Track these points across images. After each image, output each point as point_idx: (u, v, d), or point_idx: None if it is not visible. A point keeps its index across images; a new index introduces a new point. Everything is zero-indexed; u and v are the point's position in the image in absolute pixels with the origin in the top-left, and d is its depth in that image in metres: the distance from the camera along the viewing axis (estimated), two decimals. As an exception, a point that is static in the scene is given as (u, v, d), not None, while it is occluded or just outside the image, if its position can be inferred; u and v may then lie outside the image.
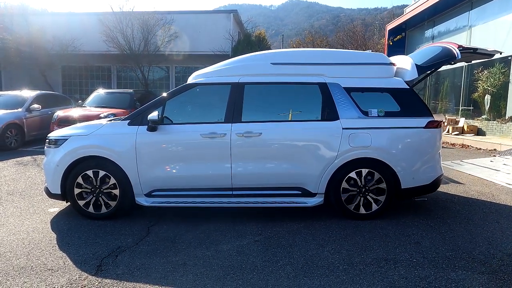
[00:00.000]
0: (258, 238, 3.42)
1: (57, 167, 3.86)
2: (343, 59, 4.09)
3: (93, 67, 19.16)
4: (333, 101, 3.87)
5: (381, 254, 3.05)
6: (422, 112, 3.92)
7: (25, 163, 6.99)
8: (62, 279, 2.68)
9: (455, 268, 2.79)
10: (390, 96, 3.92)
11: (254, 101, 3.97)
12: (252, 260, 2.96)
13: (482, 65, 11.51)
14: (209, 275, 2.74)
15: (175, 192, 3.87)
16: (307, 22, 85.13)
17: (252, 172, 3.80)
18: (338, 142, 3.77)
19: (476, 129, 11.37)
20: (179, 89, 4.05)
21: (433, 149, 3.95)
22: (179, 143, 3.85)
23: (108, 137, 3.87)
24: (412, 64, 4.05)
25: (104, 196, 3.87)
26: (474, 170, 6.38)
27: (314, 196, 3.84)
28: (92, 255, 3.06)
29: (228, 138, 3.77)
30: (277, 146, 3.84)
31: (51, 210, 4.24)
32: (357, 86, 3.94)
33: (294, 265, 2.87)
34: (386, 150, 3.78)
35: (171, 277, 2.71)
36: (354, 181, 3.82)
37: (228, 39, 16.78)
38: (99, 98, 10.06)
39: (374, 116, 3.86)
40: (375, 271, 2.77)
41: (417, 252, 3.08)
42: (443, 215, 4.01)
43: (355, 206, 3.84)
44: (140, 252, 3.14)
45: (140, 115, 3.90)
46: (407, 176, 3.81)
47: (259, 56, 4.24)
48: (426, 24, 16.25)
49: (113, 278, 2.69)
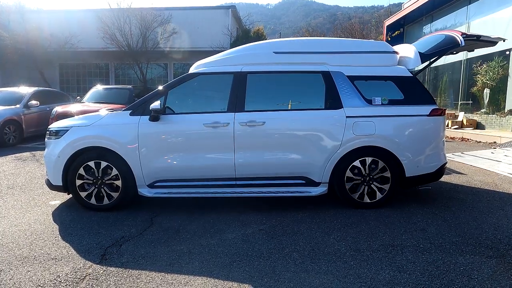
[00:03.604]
0: (263, 227, 3.39)
1: (58, 158, 3.81)
2: (346, 47, 4.06)
3: (91, 64, 19.05)
4: (336, 89, 3.85)
5: (387, 241, 3.03)
6: (425, 100, 3.90)
7: (24, 159, 6.93)
8: (66, 267, 2.64)
9: (463, 253, 2.78)
10: (393, 84, 3.89)
11: (257, 90, 3.93)
12: (258, 248, 2.94)
13: (480, 59, 11.52)
14: (215, 262, 2.71)
15: (178, 182, 3.84)
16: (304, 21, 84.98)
17: (255, 162, 3.77)
18: (341, 130, 3.74)
19: (475, 123, 11.39)
20: (181, 78, 4.01)
21: (437, 137, 3.94)
22: (181, 133, 3.81)
23: (109, 127, 3.83)
24: (416, 52, 4.02)
25: (106, 187, 3.83)
26: (476, 162, 6.38)
27: (318, 185, 3.82)
28: (96, 245, 3.03)
29: (231, 128, 3.73)
30: (281, 135, 3.80)
31: (52, 202, 4.20)
32: (361, 75, 3.91)
33: (300, 252, 2.85)
34: (390, 138, 3.76)
35: (176, 265, 2.68)
36: (358, 170, 3.79)
37: (226, 35, 16.72)
38: (98, 94, 9.97)
39: (378, 104, 3.84)
40: (383, 256, 2.75)
41: (424, 239, 3.06)
42: (448, 203, 4.00)
43: (359, 195, 3.82)
44: (145, 241, 3.10)
45: (142, 105, 3.86)
46: (411, 165, 3.79)
47: (262, 45, 4.21)
48: (424, 19, 16.25)
49: (118, 266, 2.65)
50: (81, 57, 17.63)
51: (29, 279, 2.48)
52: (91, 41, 16.36)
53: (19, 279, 2.48)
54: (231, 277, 2.49)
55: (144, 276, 2.52)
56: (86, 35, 16.17)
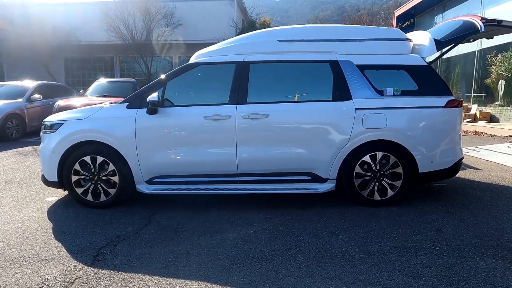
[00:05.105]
0: (266, 226, 3.20)
1: (53, 153, 3.66)
2: (356, 34, 3.80)
3: (96, 58, 18.93)
4: (345, 79, 3.60)
5: (400, 242, 2.81)
6: (441, 90, 3.63)
7: (25, 153, 6.83)
8: (56, 269, 2.48)
9: (483, 257, 2.55)
10: (406, 74, 3.64)
11: (260, 81, 3.71)
12: (260, 249, 2.74)
13: (495, 49, 11.07)
14: (213, 264, 2.52)
15: (178, 178, 3.65)
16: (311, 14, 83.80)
17: (258, 157, 3.57)
18: (350, 123, 3.51)
19: (489, 116, 11.00)
20: (181, 69, 3.80)
21: (454, 130, 3.67)
22: (180, 126, 3.61)
23: (105, 121, 3.65)
24: (431, 39, 3.75)
25: (103, 183, 3.67)
26: (491, 156, 6.08)
27: (325, 181, 3.60)
28: (89, 245, 2.86)
29: (232, 121, 3.52)
30: (285, 128, 3.58)
31: (49, 199, 4.06)
32: (371, 64, 3.66)
33: (305, 254, 2.65)
34: (402, 131, 3.52)
35: (172, 267, 2.50)
36: (368, 166, 3.56)
37: (232, 26, 16.42)
38: (101, 87, 9.84)
39: (390, 95, 3.59)
40: (395, 259, 2.54)
41: (440, 240, 2.83)
42: (464, 201, 3.75)
43: (369, 192, 3.60)
44: (140, 241, 2.93)
45: (140, 97, 3.67)
46: (425, 160, 3.55)
47: (266, 33, 3.97)
48: (436, 9, 15.72)
49: (110, 269, 2.49)
50: (86, 51, 17.50)
51: (15, 282, 2.33)
52: (95, 34, 16.21)
53: (5, 282, 2.33)
54: (230, 282, 2.30)
55: (137, 280, 2.35)
56: (90, 28, 16.01)
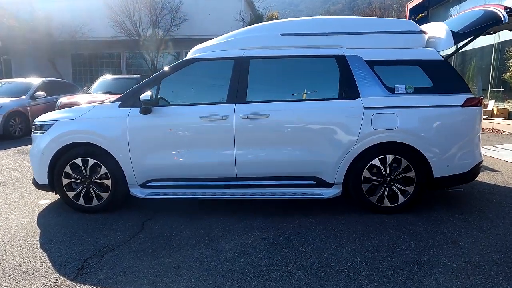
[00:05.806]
0: (266, 235, 2.96)
1: (43, 155, 3.48)
2: (365, 27, 3.50)
3: (103, 54, 18.89)
4: (352, 76, 3.32)
5: (412, 257, 2.54)
6: (459, 87, 3.32)
7: (25, 152, 6.71)
8: (35, 284, 2.30)
9: (508, 277, 2.26)
10: (420, 70, 3.33)
11: (261, 78, 3.46)
12: (257, 263, 2.51)
13: (514, 42, 10.53)
14: (205, 281, 2.30)
15: (173, 182, 3.44)
16: (322, 8, 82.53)
17: (258, 160, 3.32)
18: (358, 124, 3.23)
19: (507, 112, 10.50)
20: (176, 65, 3.57)
21: (472, 131, 3.37)
22: (175, 127, 3.39)
23: (96, 121, 3.45)
24: (448, 31, 3.43)
25: (95, 187, 3.48)
26: (511, 156, 5.70)
27: (330, 186, 3.34)
28: (75, 255, 2.68)
29: (231, 121, 3.29)
30: (288, 129, 3.33)
31: (42, 202, 3.90)
32: (381, 59, 3.37)
33: (306, 270, 2.41)
34: (415, 133, 3.22)
35: (160, 284, 2.29)
36: (378, 169, 3.29)
37: (239, 21, 16.12)
38: (105, 84, 9.70)
39: (402, 93, 3.29)
40: (407, 278, 2.27)
41: (456, 255, 2.55)
42: (483, 208, 3.44)
43: (379, 198, 3.32)
44: (130, 251, 2.73)
45: (132, 96, 3.46)
46: (440, 163, 3.25)
47: (267, 27, 3.71)
48: (451, 1, 15.12)
49: (93, 284, 2.29)
50: (93, 47, 17.45)
51: (-11, 299, 2.15)
52: (101, 30, 16.12)
53: (-22, 299, 2.16)
54: (221, 304, 2.08)
55: (120, 298, 2.14)
56: (96, 24, 15.93)
